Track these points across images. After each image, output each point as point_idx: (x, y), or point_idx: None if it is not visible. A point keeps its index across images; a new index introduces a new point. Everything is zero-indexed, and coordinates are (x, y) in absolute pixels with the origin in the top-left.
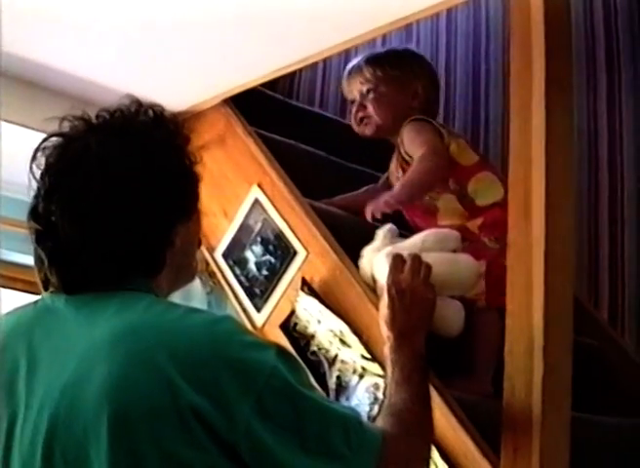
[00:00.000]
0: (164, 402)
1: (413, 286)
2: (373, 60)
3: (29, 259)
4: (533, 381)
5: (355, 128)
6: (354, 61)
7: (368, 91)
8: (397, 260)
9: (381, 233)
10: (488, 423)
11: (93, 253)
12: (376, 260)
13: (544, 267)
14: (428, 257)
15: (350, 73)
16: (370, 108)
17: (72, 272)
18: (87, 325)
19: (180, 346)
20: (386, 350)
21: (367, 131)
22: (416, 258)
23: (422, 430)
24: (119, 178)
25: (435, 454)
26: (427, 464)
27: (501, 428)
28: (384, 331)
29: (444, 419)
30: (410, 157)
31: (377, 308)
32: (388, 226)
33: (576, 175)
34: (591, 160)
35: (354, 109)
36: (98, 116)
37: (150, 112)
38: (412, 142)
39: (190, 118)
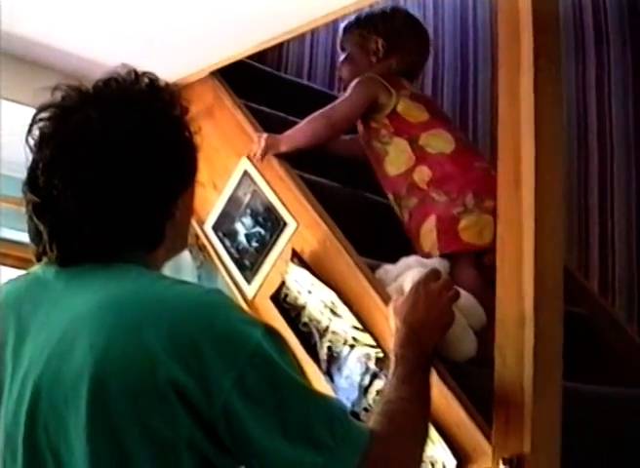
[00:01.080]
0: (144, 376)
1: (439, 295)
2: (353, 23)
3: (17, 235)
4: (524, 351)
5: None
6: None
7: (347, 56)
8: (434, 272)
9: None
10: (480, 392)
11: (95, 226)
12: (409, 273)
13: (535, 237)
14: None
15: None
16: (344, 72)
17: (73, 245)
18: (74, 296)
19: (163, 318)
20: (393, 343)
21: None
22: (449, 280)
23: (416, 432)
24: (122, 151)
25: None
26: (418, 466)
27: (493, 397)
28: (395, 323)
29: (436, 389)
30: None
31: (367, 278)
32: (414, 257)
33: (565, 145)
34: (580, 130)
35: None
36: (94, 86)
37: (145, 80)
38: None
39: (178, 90)
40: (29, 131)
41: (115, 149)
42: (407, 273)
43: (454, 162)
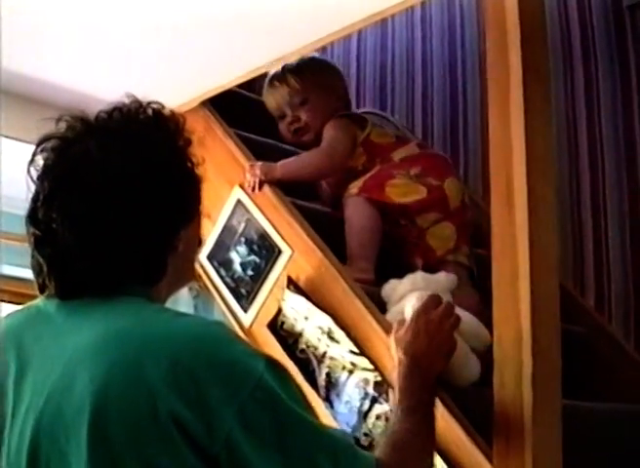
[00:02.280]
0: (144, 410)
1: (440, 324)
2: (296, 70)
3: (13, 270)
4: (522, 370)
5: (289, 139)
6: (273, 73)
7: (301, 102)
8: (434, 299)
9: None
10: (479, 412)
11: (92, 260)
12: (409, 298)
13: (529, 256)
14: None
15: (274, 85)
16: (305, 118)
17: (70, 278)
18: (74, 330)
19: (164, 352)
20: (396, 375)
21: (305, 138)
22: (450, 306)
23: (420, 463)
24: (120, 184)
25: None
26: None
27: (493, 418)
28: (397, 354)
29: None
30: None
31: (363, 303)
32: (420, 274)
33: (556, 162)
34: (571, 147)
35: (287, 122)
36: (97, 117)
37: (150, 111)
38: (323, 136)
39: (184, 119)
40: (32, 161)
41: (113, 182)
42: (408, 297)
43: (415, 153)
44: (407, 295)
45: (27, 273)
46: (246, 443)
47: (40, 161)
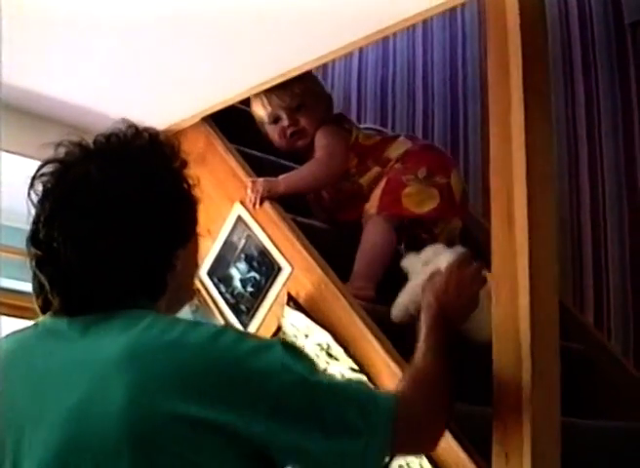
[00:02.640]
0: (184, 419)
1: (470, 283)
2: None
3: (10, 283)
4: (522, 388)
5: (282, 143)
6: None
7: (299, 106)
8: (468, 256)
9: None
10: (478, 431)
11: (94, 278)
12: (445, 254)
13: (529, 275)
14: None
15: (271, 88)
16: (303, 122)
17: (75, 296)
18: (94, 344)
19: (193, 360)
20: (424, 316)
21: (300, 143)
22: (480, 267)
23: (439, 391)
24: (119, 204)
25: (426, 465)
26: (443, 423)
27: (492, 436)
28: (427, 299)
29: None
30: None
31: (363, 321)
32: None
33: (556, 180)
34: (571, 164)
35: (285, 125)
36: (94, 141)
37: (146, 136)
38: (317, 145)
39: (179, 144)
40: (32, 185)
41: (112, 202)
42: (443, 255)
43: (414, 150)
44: (437, 257)
45: (26, 286)
46: (287, 426)
47: (39, 186)
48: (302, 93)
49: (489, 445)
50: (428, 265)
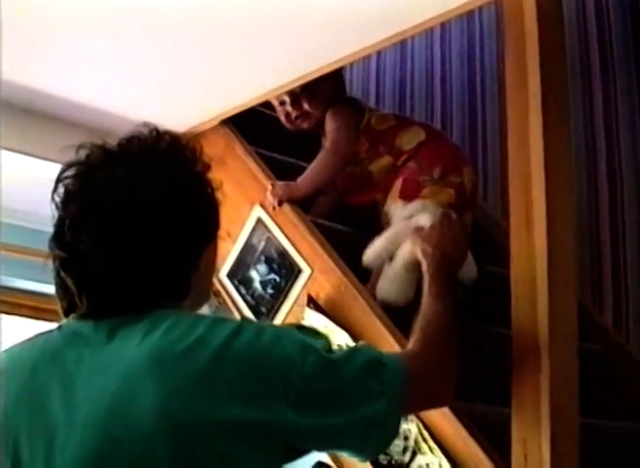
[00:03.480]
0: (217, 418)
1: (459, 231)
2: None
3: (31, 285)
4: (540, 388)
5: (288, 125)
6: None
7: (302, 89)
8: (449, 212)
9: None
10: (497, 431)
11: (123, 280)
12: (424, 214)
13: (548, 278)
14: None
15: None
16: (306, 106)
17: (103, 298)
18: (122, 347)
19: (222, 357)
20: (426, 265)
21: (304, 125)
22: (460, 218)
23: (447, 343)
24: (147, 207)
25: (446, 465)
26: (453, 373)
27: (511, 437)
28: (424, 248)
29: (454, 430)
30: None
31: (382, 322)
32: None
33: (575, 184)
34: (590, 168)
35: (288, 108)
36: (118, 144)
37: (168, 139)
38: (327, 127)
39: (190, 139)
40: (55, 189)
41: (140, 205)
42: (425, 214)
43: (427, 144)
44: (418, 213)
45: (26, 284)
46: (314, 409)
47: (62, 188)
48: None
49: (508, 445)
50: (410, 220)
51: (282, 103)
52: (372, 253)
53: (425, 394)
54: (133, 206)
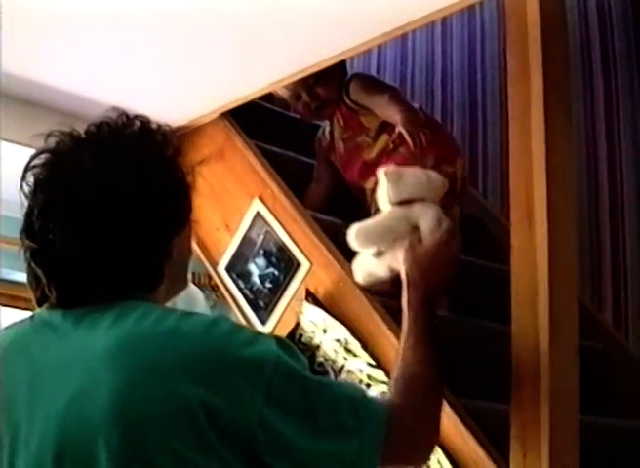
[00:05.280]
0: (174, 409)
1: (455, 256)
2: None
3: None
4: (540, 386)
5: (309, 117)
6: None
7: (316, 79)
8: (454, 231)
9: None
10: (497, 429)
11: (92, 268)
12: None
13: (549, 273)
14: (407, 171)
15: None
16: (323, 94)
17: (72, 288)
18: (87, 337)
19: (182, 350)
20: (409, 297)
21: (325, 114)
22: (461, 237)
23: (433, 395)
24: (115, 193)
25: (445, 462)
26: (436, 434)
27: (510, 434)
28: (414, 276)
29: (453, 427)
30: (357, 105)
31: (381, 317)
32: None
33: (576, 179)
34: (590, 163)
35: (306, 101)
36: (86, 131)
37: (138, 123)
38: (365, 89)
39: (190, 132)
40: (23, 177)
41: (108, 192)
42: (426, 213)
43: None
44: (417, 205)
45: (24, 277)
46: (278, 418)
47: (31, 177)
48: None
49: (507, 443)
50: (410, 217)
51: (298, 98)
52: (361, 241)
53: (404, 450)
54: (99, 193)
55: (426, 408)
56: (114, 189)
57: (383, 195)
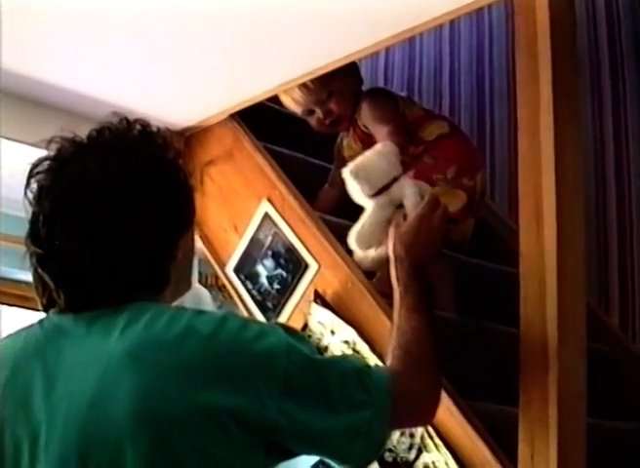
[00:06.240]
0: (196, 407)
1: (438, 231)
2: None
3: (31, 277)
4: (548, 389)
5: (322, 130)
6: None
7: (328, 95)
8: (436, 201)
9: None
10: (505, 432)
11: (100, 273)
12: (410, 189)
13: (557, 277)
14: (365, 162)
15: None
16: (336, 110)
17: (80, 292)
18: (101, 341)
19: (198, 352)
20: (395, 271)
21: (340, 128)
22: (446, 209)
23: (430, 360)
24: (120, 197)
25: (453, 464)
26: (438, 393)
27: (518, 436)
28: (398, 251)
29: (460, 429)
30: (367, 128)
31: (389, 318)
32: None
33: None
34: (598, 166)
35: (319, 117)
36: (88, 137)
37: (138, 127)
38: (372, 117)
39: (198, 133)
40: (27, 185)
41: (113, 196)
42: (410, 190)
43: (447, 139)
44: (394, 186)
45: (27, 276)
46: (297, 406)
47: (35, 184)
48: (330, 79)
49: (515, 445)
50: (386, 196)
51: (310, 113)
52: (363, 245)
53: (410, 413)
54: (104, 198)
55: (426, 371)
56: (119, 194)
57: (359, 194)
